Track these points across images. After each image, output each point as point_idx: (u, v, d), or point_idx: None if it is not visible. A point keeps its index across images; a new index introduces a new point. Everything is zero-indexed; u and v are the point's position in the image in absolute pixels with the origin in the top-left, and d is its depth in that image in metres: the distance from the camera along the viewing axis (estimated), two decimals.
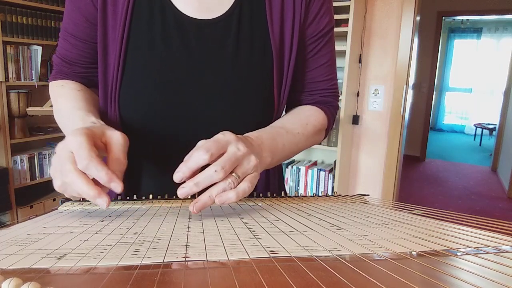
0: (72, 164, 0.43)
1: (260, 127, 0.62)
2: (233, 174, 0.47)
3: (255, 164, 0.49)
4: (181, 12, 0.61)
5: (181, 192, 0.46)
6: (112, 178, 0.44)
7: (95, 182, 0.44)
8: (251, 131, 0.59)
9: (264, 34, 0.63)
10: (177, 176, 0.46)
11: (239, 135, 0.51)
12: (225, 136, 0.49)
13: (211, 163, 0.46)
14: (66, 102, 0.63)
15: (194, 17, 0.61)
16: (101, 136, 0.48)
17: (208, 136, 0.49)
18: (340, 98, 2.34)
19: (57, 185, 0.46)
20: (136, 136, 0.61)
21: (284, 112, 0.72)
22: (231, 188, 0.46)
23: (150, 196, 0.59)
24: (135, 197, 0.59)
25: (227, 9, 0.62)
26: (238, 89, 0.63)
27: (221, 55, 0.62)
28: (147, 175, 0.68)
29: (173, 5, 0.61)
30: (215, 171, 0.45)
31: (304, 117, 0.67)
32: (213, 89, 0.62)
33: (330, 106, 0.72)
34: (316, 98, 0.71)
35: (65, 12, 0.64)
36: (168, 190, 0.57)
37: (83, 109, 0.60)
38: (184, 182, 0.47)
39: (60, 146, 0.46)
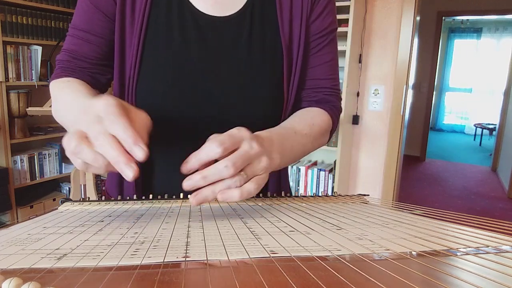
0: (102, 126, 0.40)
1: (270, 122, 0.62)
2: (242, 172, 0.45)
3: (266, 166, 0.47)
4: (197, 9, 0.64)
5: (186, 183, 0.44)
6: (138, 141, 0.39)
7: None
8: (262, 126, 0.58)
9: (274, 31, 0.66)
10: (185, 167, 0.44)
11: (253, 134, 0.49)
12: (240, 131, 0.47)
13: (221, 158, 0.44)
14: (71, 93, 0.60)
15: (209, 14, 0.64)
16: (129, 111, 0.44)
17: (222, 129, 0.48)
18: None
19: (72, 147, 0.40)
20: (154, 131, 0.63)
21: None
22: (236, 187, 0.44)
23: (150, 196, 0.59)
24: (135, 197, 0.59)
25: (240, 7, 0.65)
26: (250, 83, 0.65)
27: (234, 51, 0.64)
28: (161, 169, 0.68)
29: (190, 2, 0.64)
30: (226, 166, 0.43)
31: (310, 118, 0.67)
32: (226, 84, 0.64)
33: (333, 106, 0.72)
34: (319, 96, 0.71)
35: (76, 10, 0.65)
36: (181, 185, 0.56)
37: (91, 96, 0.56)
38: (192, 173, 0.44)
39: (85, 111, 0.41)
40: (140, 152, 0.39)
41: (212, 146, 0.44)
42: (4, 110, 2.64)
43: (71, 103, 0.56)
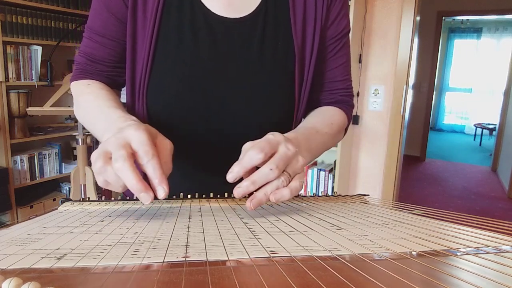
0: (127, 152, 0.43)
1: (281, 122, 0.65)
2: (285, 172, 0.48)
3: (303, 164, 0.50)
4: (210, 10, 0.64)
5: (237, 191, 0.46)
6: (163, 181, 0.44)
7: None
8: (272, 126, 0.60)
9: (287, 34, 0.66)
10: (230, 176, 0.47)
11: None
12: (275, 136, 0.50)
13: (262, 163, 0.47)
14: (95, 100, 0.63)
15: (222, 15, 0.64)
16: (155, 138, 0.48)
17: (231, 131, 0.50)
18: None
19: (97, 167, 0.44)
20: (163, 131, 0.64)
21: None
22: (284, 186, 0.47)
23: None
24: (135, 197, 0.59)
25: (253, 8, 0.65)
26: (261, 86, 0.65)
27: (246, 52, 0.65)
28: (173, 169, 0.69)
29: (202, 3, 0.64)
30: (271, 169, 0.46)
31: (329, 117, 0.69)
32: (236, 84, 0.65)
33: (348, 105, 0.75)
34: (336, 97, 0.74)
35: (91, 11, 0.66)
36: (193, 184, 0.57)
37: (118, 108, 0.59)
38: (236, 182, 0.47)
39: (116, 136, 0.45)
40: (162, 193, 0.44)
41: (253, 153, 0.46)
42: (4, 110, 2.64)
43: (98, 114, 0.61)
